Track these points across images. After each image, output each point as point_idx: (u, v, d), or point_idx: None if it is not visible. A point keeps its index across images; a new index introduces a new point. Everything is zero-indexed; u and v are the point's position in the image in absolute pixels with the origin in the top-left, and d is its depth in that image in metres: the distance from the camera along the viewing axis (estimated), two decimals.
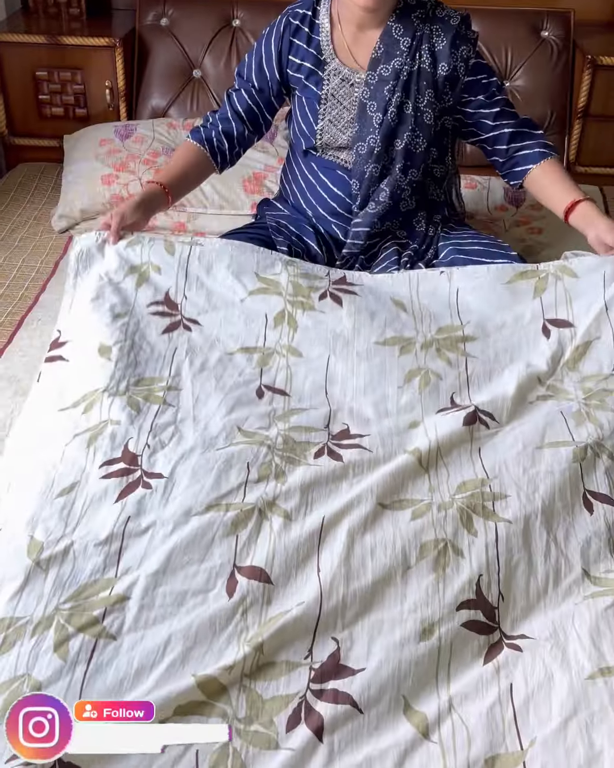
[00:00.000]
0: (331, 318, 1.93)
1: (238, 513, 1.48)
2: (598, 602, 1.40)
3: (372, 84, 2.06)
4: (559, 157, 2.16)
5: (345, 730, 1.23)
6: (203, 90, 3.00)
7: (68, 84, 2.96)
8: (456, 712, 1.25)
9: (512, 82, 2.97)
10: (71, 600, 1.35)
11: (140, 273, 1.97)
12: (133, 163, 2.66)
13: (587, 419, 1.73)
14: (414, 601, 1.38)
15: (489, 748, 1.21)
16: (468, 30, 2.08)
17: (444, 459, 1.63)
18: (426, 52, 2.05)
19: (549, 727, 1.22)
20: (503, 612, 1.39)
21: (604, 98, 2.93)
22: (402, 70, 2.04)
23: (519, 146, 2.15)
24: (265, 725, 1.23)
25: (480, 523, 1.49)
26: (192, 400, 1.73)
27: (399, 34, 2.04)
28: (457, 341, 1.91)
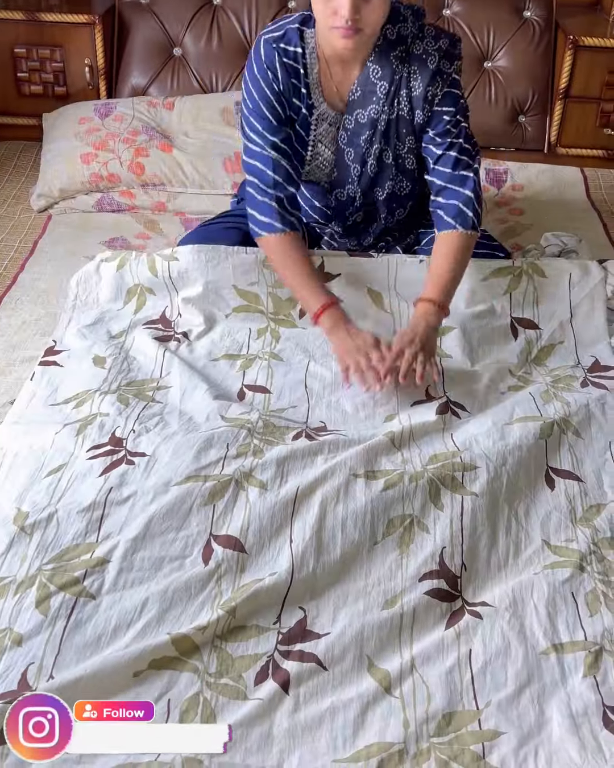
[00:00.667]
0: (312, 332, 1.99)
1: (216, 484, 1.56)
2: (557, 574, 1.48)
3: (349, 129, 1.96)
4: (466, 233, 1.90)
5: (310, 684, 1.31)
6: (183, 68, 2.97)
7: (47, 61, 2.93)
8: (418, 671, 1.34)
9: (494, 63, 2.96)
10: (53, 561, 1.43)
11: (137, 296, 2.05)
12: (113, 141, 2.64)
13: (554, 398, 1.83)
14: (378, 576, 1.46)
15: (447, 705, 1.30)
16: (446, 62, 1.89)
17: (416, 441, 1.71)
18: (405, 98, 1.91)
19: (503, 693, 1.31)
20: (465, 581, 1.47)
21: (585, 79, 2.92)
22: (379, 119, 1.92)
23: (440, 203, 1.94)
24: (234, 679, 1.31)
25: (447, 497, 1.58)
26: (179, 396, 1.81)
27: (377, 77, 1.90)
28: None
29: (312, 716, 1.27)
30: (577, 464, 1.69)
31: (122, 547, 1.45)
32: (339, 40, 1.77)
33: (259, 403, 1.81)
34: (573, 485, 1.65)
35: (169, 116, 2.77)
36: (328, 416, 1.79)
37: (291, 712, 1.28)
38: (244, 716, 1.26)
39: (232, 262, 2.02)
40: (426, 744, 1.25)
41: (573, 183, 2.90)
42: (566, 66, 2.91)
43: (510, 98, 2.97)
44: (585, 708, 1.30)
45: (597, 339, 2.01)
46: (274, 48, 1.87)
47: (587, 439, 1.74)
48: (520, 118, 3.01)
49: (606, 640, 1.39)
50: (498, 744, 1.25)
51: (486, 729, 1.27)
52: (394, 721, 1.27)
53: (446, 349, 1.96)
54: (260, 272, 2.03)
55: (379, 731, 1.26)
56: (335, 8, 1.72)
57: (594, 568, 1.49)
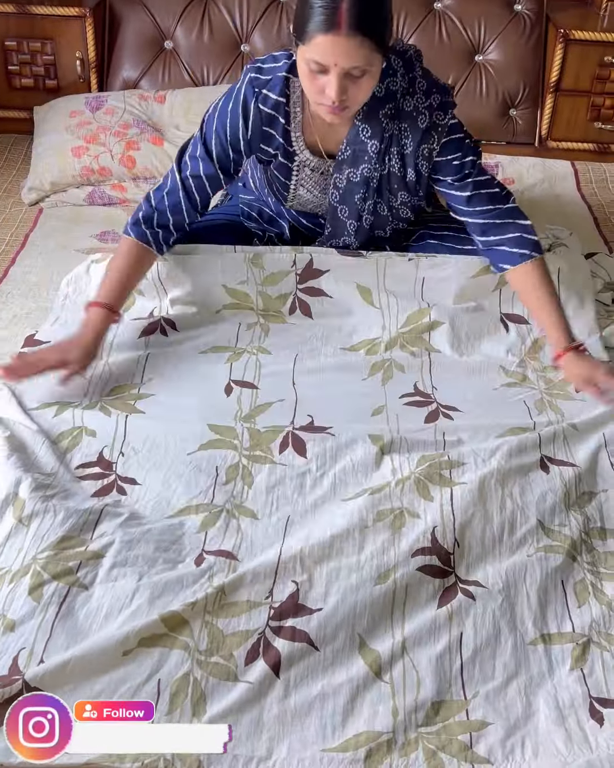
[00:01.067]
0: (302, 328, 2.01)
1: (207, 515, 1.56)
2: (550, 560, 1.49)
3: (341, 188, 1.94)
4: (541, 258, 1.92)
5: (301, 666, 1.32)
6: (175, 61, 2.97)
7: (38, 54, 2.92)
8: (408, 655, 1.35)
9: (485, 56, 2.97)
10: (48, 550, 1.43)
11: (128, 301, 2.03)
12: (104, 134, 2.64)
13: (548, 407, 1.83)
14: (371, 551, 1.47)
15: (436, 694, 1.31)
16: (439, 114, 1.85)
17: (406, 448, 1.70)
18: (396, 156, 1.89)
19: (491, 684, 1.33)
20: (458, 557, 1.48)
21: (576, 72, 2.92)
22: (371, 177, 1.91)
23: (496, 240, 1.93)
24: (225, 658, 1.32)
25: (436, 490, 1.59)
26: (163, 405, 1.79)
27: (367, 136, 1.86)
28: (423, 331, 1.99)
29: (303, 702, 1.28)
30: (571, 453, 1.70)
31: (117, 545, 1.46)
32: (326, 115, 1.76)
33: (245, 397, 1.81)
34: (568, 470, 1.66)
35: (161, 110, 2.77)
36: (315, 410, 1.79)
37: (281, 698, 1.29)
38: (235, 701, 1.27)
39: (222, 261, 2.02)
40: (414, 734, 1.26)
41: (563, 176, 2.91)
42: (557, 59, 2.91)
43: (501, 92, 2.98)
44: (572, 700, 1.31)
45: (589, 334, 2.01)
46: (255, 92, 1.83)
47: (582, 430, 1.76)
48: (511, 111, 3.02)
49: (593, 632, 1.41)
50: (485, 734, 1.27)
51: (474, 719, 1.28)
52: (383, 708, 1.28)
53: (435, 344, 1.97)
54: (249, 270, 2.03)
55: (368, 719, 1.27)
56: (322, 87, 1.68)
57: (584, 558, 1.51)
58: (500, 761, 1.24)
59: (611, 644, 1.39)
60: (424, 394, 1.85)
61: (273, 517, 1.56)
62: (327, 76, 1.66)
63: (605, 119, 3.00)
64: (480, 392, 1.86)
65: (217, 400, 1.81)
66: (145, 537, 1.49)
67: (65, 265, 2.30)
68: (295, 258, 2.04)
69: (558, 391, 1.87)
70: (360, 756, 1.23)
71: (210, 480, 1.62)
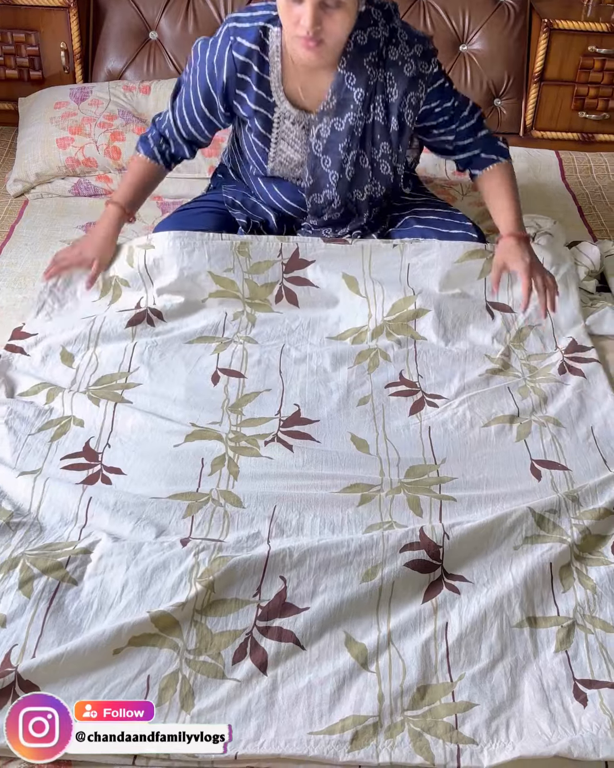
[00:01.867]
0: (288, 316, 2.01)
1: (192, 503, 1.56)
2: (536, 549, 1.50)
3: (324, 138, 1.96)
4: (508, 162, 2.10)
5: (288, 664, 1.33)
6: (159, 52, 2.96)
7: (22, 45, 2.91)
8: (394, 645, 1.36)
9: (469, 46, 2.97)
10: (37, 549, 1.44)
11: (113, 290, 2.05)
12: (89, 126, 2.63)
13: (531, 391, 1.84)
14: (359, 545, 1.47)
15: (422, 678, 1.32)
16: (423, 64, 1.91)
17: (392, 442, 1.72)
18: (381, 104, 1.92)
19: (477, 666, 1.34)
20: (448, 550, 1.48)
21: (560, 62, 2.94)
22: (356, 126, 1.93)
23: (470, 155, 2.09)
24: (213, 657, 1.33)
25: (426, 503, 1.59)
26: (149, 395, 1.80)
27: (352, 84, 1.89)
28: (409, 318, 1.99)
29: (290, 694, 1.30)
30: (561, 453, 1.71)
31: (104, 542, 1.47)
32: (302, 50, 1.79)
33: (233, 389, 1.82)
34: (559, 474, 1.67)
35: (146, 100, 2.76)
36: (302, 399, 1.80)
37: (268, 691, 1.30)
38: (223, 696, 1.28)
39: (208, 248, 2.03)
40: (400, 717, 1.28)
41: (548, 166, 2.93)
42: (541, 49, 2.92)
43: (485, 82, 2.99)
44: (556, 682, 1.33)
45: (573, 322, 2.02)
46: (230, 40, 1.89)
47: (569, 428, 1.77)
48: (496, 101, 3.02)
49: (578, 615, 1.42)
50: (470, 715, 1.28)
51: (460, 701, 1.30)
52: (370, 695, 1.29)
53: (420, 332, 1.98)
54: (236, 258, 2.04)
55: (354, 705, 1.29)
56: (298, 18, 1.73)
57: (575, 541, 1.52)
58: (485, 741, 1.25)
59: (595, 627, 1.40)
60: (410, 383, 1.87)
61: (258, 507, 1.56)
62: (302, 5, 1.71)
63: (589, 109, 3.02)
64: (465, 378, 1.88)
65: (204, 389, 1.82)
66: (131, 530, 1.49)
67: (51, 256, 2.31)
68: (281, 247, 2.05)
69: (542, 377, 1.89)
70: (346, 738, 1.24)
71: (195, 471, 1.63)
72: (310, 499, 1.58)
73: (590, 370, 1.90)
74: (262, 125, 1.98)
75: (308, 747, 1.23)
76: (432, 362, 1.92)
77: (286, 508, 1.56)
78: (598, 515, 1.57)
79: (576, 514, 1.57)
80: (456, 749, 1.24)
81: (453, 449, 1.71)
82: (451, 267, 2.04)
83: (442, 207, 2.16)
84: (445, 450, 1.71)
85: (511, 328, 2.01)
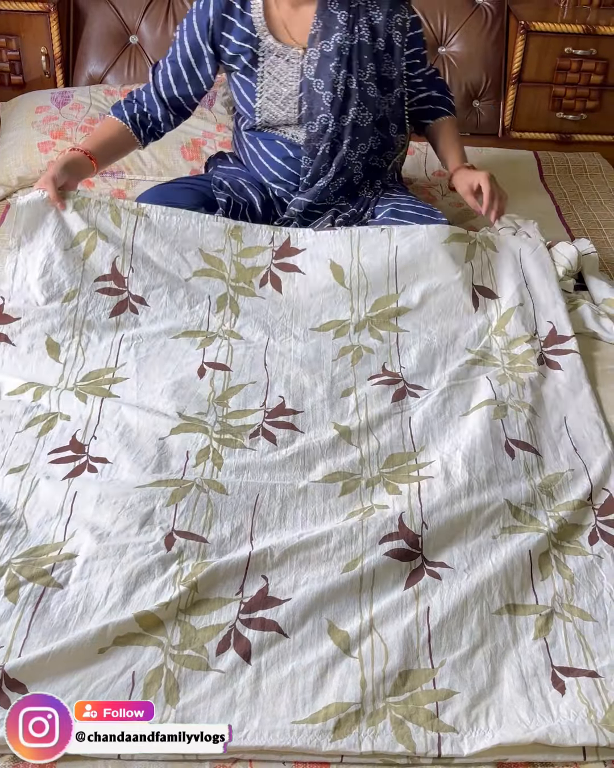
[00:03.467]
0: (271, 304, 2.03)
1: (177, 488, 1.58)
2: (514, 538, 1.52)
3: (315, 61, 2.04)
4: (454, 118, 2.35)
5: (271, 653, 1.34)
6: (140, 56, 2.98)
7: (2, 50, 2.92)
8: (377, 631, 1.37)
9: (448, 48, 3.00)
10: (23, 556, 1.45)
11: (87, 240, 2.01)
12: (70, 130, 2.65)
13: (510, 379, 1.87)
14: (339, 540, 1.49)
15: (404, 663, 1.33)
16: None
17: (374, 433, 1.74)
18: (365, 25, 2.04)
19: (458, 653, 1.35)
20: (426, 539, 1.50)
21: (537, 64, 2.97)
22: (343, 45, 2.03)
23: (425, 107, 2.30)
24: (197, 650, 1.34)
25: (404, 486, 1.61)
26: (136, 389, 1.82)
27: (335, 8, 2.02)
28: (390, 316, 2.02)
29: (273, 683, 1.31)
30: (534, 438, 1.74)
31: (88, 542, 1.47)
32: None
33: (218, 382, 1.84)
34: (531, 457, 1.70)
35: None
36: (287, 392, 1.82)
37: (252, 681, 1.31)
38: (207, 689, 1.30)
39: (202, 227, 2.06)
40: (382, 704, 1.29)
41: (526, 166, 2.95)
42: (518, 51, 2.95)
43: (464, 83, 3.01)
44: (535, 669, 1.35)
45: (554, 302, 2.06)
46: None
47: (543, 417, 1.80)
48: (474, 103, 3.05)
49: (556, 604, 1.44)
50: (451, 703, 1.29)
51: (441, 688, 1.31)
52: (352, 681, 1.31)
53: (402, 326, 2.00)
54: (227, 241, 2.06)
55: (337, 692, 1.30)
56: None
57: (552, 531, 1.54)
58: (465, 730, 1.27)
59: (573, 615, 1.42)
60: (392, 373, 1.89)
61: (242, 495, 1.58)
62: None
63: (566, 109, 3.05)
64: (446, 370, 1.90)
65: (190, 382, 1.83)
66: (115, 525, 1.50)
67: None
68: (274, 235, 2.08)
69: (521, 364, 1.91)
70: (329, 727, 1.25)
71: (181, 462, 1.65)
72: (293, 488, 1.60)
73: (568, 362, 1.93)
74: (248, 60, 2.08)
75: (291, 738, 1.24)
76: (414, 353, 1.94)
77: (269, 497, 1.58)
78: (573, 506, 1.60)
79: (551, 507, 1.60)
80: (437, 737, 1.26)
81: (433, 437, 1.74)
82: (438, 248, 2.07)
83: (422, 205, 2.21)
84: (425, 438, 1.73)
85: (492, 319, 2.03)
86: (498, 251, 2.15)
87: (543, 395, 1.85)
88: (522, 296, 2.06)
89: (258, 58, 2.08)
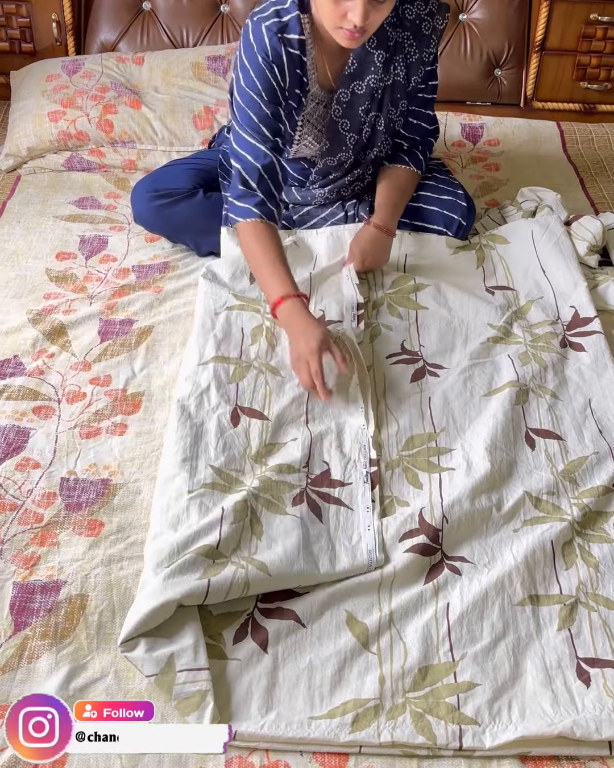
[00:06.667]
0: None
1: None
2: (536, 529, 1.48)
3: (345, 102, 1.94)
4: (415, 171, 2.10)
5: (288, 642, 1.32)
6: (153, 23, 2.90)
7: (13, 17, 2.85)
8: (395, 626, 1.35)
9: (469, 15, 2.91)
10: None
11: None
12: (81, 98, 2.58)
13: (532, 359, 1.82)
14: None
15: (423, 659, 1.30)
16: (438, 18, 1.93)
17: (394, 414, 1.69)
18: (401, 63, 1.93)
19: (479, 645, 1.32)
20: (446, 533, 1.46)
21: (561, 32, 2.87)
22: (377, 88, 1.93)
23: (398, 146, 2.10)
24: (214, 638, 1.32)
25: (425, 477, 1.57)
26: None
27: (373, 46, 1.89)
28: (409, 292, 1.98)
29: (291, 674, 1.28)
30: (557, 423, 1.69)
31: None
32: (344, 41, 1.76)
33: (255, 430, 1.64)
34: (553, 444, 1.65)
35: (139, 72, 2.71)
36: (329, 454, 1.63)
37: (270, 670, 1.29)
38: (224, 677, 1.27)
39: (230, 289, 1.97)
40: (401, 699, 1.26)
41: (549, 137, 2.87)
42: (542, 18, 2.85)
43: (485, 51, 2.92)
44: (559, 661, 1.31)
45: (575, 284, 2.01)
46: (279, 39, 1.81)
47: (565, 400, 1.75)
48: (496, 71, 2.97)
49: (581, 593, 1.40)
50: (472, 695, 1.27)
51: (462, 681, 1.28)
52: (370, 678, 1.28)
53: (421, 302, 1.96)
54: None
55: (355, 688, 1.27)
56: (344, 12, 1.69)
57: (575, 519, 1.50)
58: (487, 722, 1.24)
59: (599, 605, 1.39)
60: (411, 352, 1.84)
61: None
62: (352, 1, 1.67)
63: (591, 78, 2.96)
64: (467, 349, 1.85)
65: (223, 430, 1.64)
66: None
67: (44, 233, 2.28)
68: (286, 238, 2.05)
69: (543, 344, 1.87)
70: (347, 721, 1.23)
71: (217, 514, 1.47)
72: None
73: (592, 343, 1.87)
74: (294, 109, 1.94)
75: (309, 729, 1.22)
76: (434, 331, 1.90)
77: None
78: (598, 493, 1.55)
79: (575, 494, 1.55)
80: (458, 730, 1.23)
81: (453, 418, 1.69)
82: (447, 257, 2.08)
83: (444, 174, 2.17)
84: (445, 419, 1.69)
85: (512, 303, 2.00)
86: (510, 241, 2.11)
87: (566, 377, 1.80)
88: (541, 289, 2.02)
89: (302, 106, 1.94)
